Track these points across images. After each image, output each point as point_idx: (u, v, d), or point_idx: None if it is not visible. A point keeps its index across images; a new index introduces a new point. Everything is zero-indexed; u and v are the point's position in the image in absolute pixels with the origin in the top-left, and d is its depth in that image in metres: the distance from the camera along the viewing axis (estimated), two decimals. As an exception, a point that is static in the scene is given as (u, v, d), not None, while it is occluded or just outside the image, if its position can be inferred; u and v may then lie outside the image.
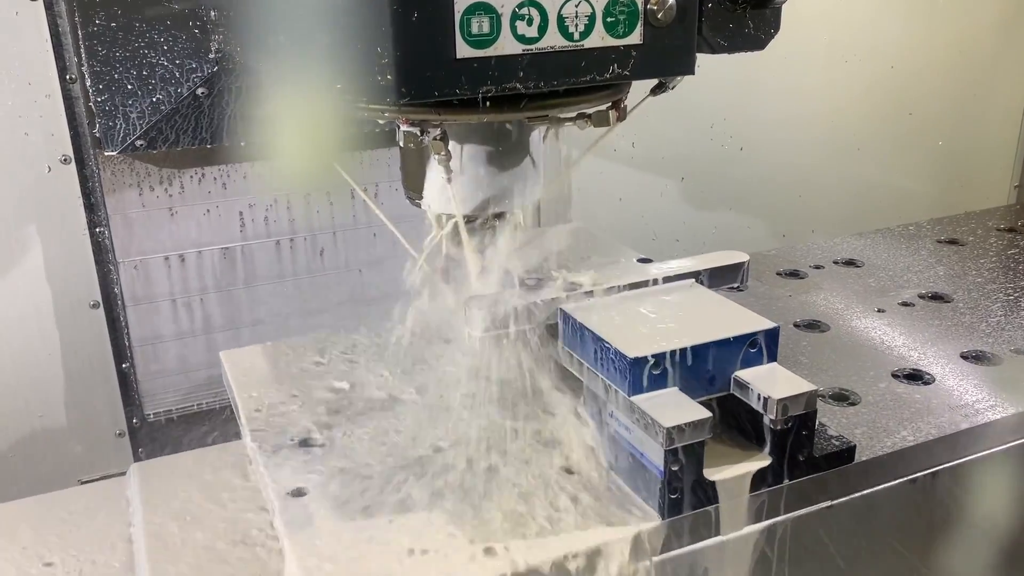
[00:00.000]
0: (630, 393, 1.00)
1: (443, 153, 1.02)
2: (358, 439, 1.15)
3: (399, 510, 1.02)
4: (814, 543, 1.12)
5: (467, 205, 1.13)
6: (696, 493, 1.01)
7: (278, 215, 1.68)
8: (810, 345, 1.43)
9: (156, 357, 1.66)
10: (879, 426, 1.20)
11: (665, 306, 1.14)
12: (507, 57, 0.91)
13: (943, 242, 1.88)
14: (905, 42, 2.33)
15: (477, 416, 1.13)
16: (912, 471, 1.16)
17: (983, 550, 1.27)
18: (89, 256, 1.56)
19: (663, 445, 0.96)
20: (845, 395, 1.27)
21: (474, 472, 1.06)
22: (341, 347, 1.37)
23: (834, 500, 1.11)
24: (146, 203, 1.58)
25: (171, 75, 1.41)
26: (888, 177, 2.42)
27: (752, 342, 1.07)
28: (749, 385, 1.04)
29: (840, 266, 1.77)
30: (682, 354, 1.03)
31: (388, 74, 0.87)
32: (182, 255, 1.63)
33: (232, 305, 1.69)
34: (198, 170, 1.60)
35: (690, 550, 1.02)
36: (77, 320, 1.59)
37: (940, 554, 1.23)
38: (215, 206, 1.63)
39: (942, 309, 1.56)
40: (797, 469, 1.06)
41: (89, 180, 1.53)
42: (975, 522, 1.24)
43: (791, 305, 1.59)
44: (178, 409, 1.70)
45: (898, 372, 1.34)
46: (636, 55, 0.97)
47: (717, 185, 2.20)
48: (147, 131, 1.44)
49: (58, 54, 1.44)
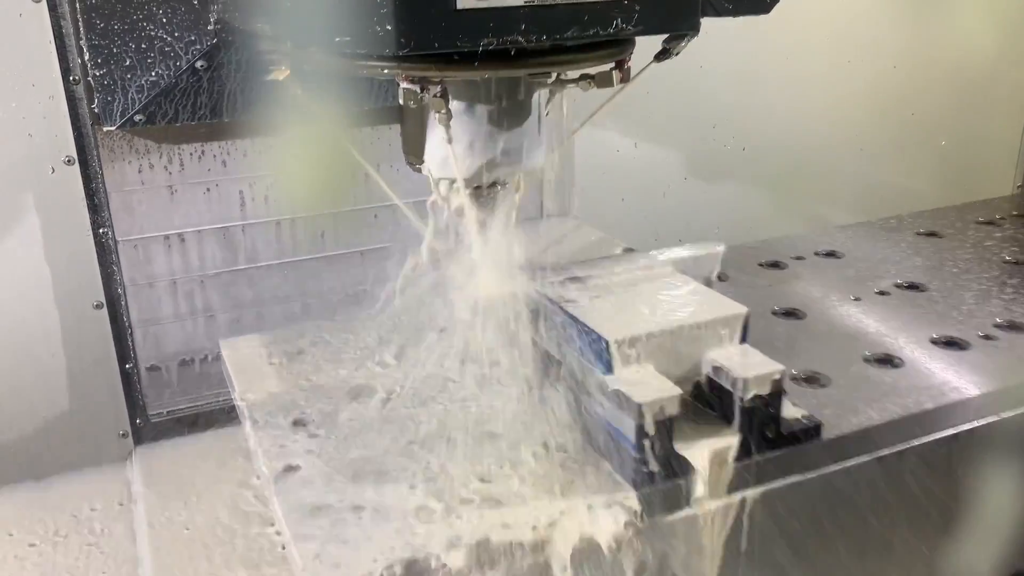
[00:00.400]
0: (605, 372, 1.08)
1: (443, 111, 1.02)
2: (350, 421, 1.22)
3: (389, 481, 1.09)
4: (783, 518, 1.18)
5: (468, 168, 1.12)
6: (668, 467, 1.07)
7: (279, 194, 1.65)
8: (786, 331, 1.50)
9: (160, 356, 1.67)
10: (847, 406, 1.26)
11: (642, 291, 1.21)
12: (508, 9, 0.91)
13: (922, 234, 1.95)
14: (907, 41, 2.35)
15: (461, 395, 1.20)
16: (877, 449, 1.23)
17: (949, 527, 1.34)
18: (93, 257, 1.56)
19: (635, 420, 1.03)
20: (816, 378, 1.34)
21: (455, 446, 1.13)
22: (335, 335, 1.44)
23: (802, 476, 1.18)
24: (145, 180, 1.57)
25: (170, 48, 1.39)
26: (890, 176, 2.44)
27: (724, 324, 1.14)
28: (720, 365, 1.11)
29: (821, 257, 1.84)
30: (656, 335, 1.10)
31: (387, 24, 0.88)
32: (182, 235, 1.62)
33: (233, 286, 1.68)
34: (198, 146, 1.59)
35: (663, 521, 1.09)
36: (80, 321, 1.60)
37: (907, 531, 1.30)
38: (215, 184, 1.62)
39: (917, 298, 1.63)
40: (765, 445, 1.13)
41: (92, 181, 1.54)
42: (941, 499, 1.31)
43: (771, 294, 1.66)
44: (182, 409, 1.70)
45: (869, 356, 1.41)
46: (640, 9, 0.97)
47: (720, 185, 2.22)
48: (146, 106, 1.41)
49: (61, 55, 1.45)
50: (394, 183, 1.29)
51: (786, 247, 1.89)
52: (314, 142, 1.35)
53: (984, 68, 2.49)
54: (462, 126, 1.10)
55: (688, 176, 2.18)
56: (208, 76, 1.42)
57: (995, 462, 1.33)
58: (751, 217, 2.25)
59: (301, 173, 1.55)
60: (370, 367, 1.36)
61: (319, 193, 1.57)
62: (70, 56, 1.46)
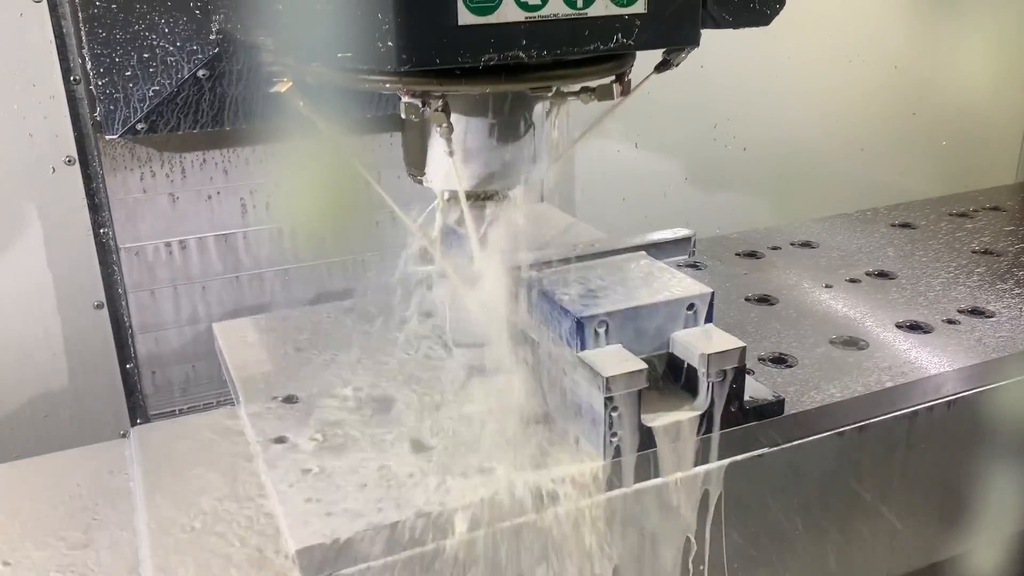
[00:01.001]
0: (578, 349, 1.16)
1: (444, 125, 1.04)
2: (340, 397, 1.31)
3: (371, 449, 1.18)
4: (751, 489, 1.27)
5: (469, 181, 1.16)
6: (636, 437, 1.16)
7: (279, 201, 1.67)
8: (758, 316, 1.59)
9: (160, 356, 1.70)
10: (811, 384, 1.35)
11: (614, 273, 1.29)
12: (509, 25, 0.93)
13: (896, 226, 2.04)
14: (909, 42, 2.38)
15: (440, 368, 1.29)
16: (839, 425, 1.31)
17: (910, 500, 1.42)
18: (93, 257, 1.60)
19: (603, 392, 1.12)
20: (783, 358, 1.43)
21: (436, 418, 1.22)
22: (328, 318, 1.53)
23: (765, 449, 1.26)
24: (147, 188, 1.59)
25: (172, 57, 1.42)
26: (892, 177, 2.47)
27: (689, 305, 1.22)
28: (685, 343, 1.20)
29: (796, 247, 1.93)
30: (626, 314, 1.18)
31: (389, 41, 0.90)
32: (183, 241, 1.65)
33: (234, 292, 1.71)
34: (200, 154, 1.61)
35: (632, 490, 1.17)
36: (81, 321, 1.63)
37: (868, 503, 1.38)
38: (216, 192, 1.64)
39: (886, 285, 1.72)
40: (729, 419, 1.21)
41: (93, 181, 1.57)
42: (901, 474, 1.39)
43: (746, 282, 1.74)
44: (181, 410, 1.73)
45: (836, 339, 1.49)
46: (640, 24, 0.99)
47: (720, 185, 2.25)
48: (148, 114, 1.45)
49: (62, 55, 1.48)
50: (397, 190, 1.32)
51: (763, 237, 1.98)
52: (316, 154, 1.39)
53: (986, 69, 2.51)
54: (463, 139, 1.13)
55: (689, 176, 2.22)
56: (210, 85, 1.46)
57: (953, 440, 1.42)
58: (752, 217, 2.26)
59: (303, 192, 1.61)
60: (361, 350, 1.44)
61: (322, 211, 1.62)
62: (71, 56, 1.50)
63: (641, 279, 1.28)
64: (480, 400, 1.26)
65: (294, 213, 1.65)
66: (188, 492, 1.21)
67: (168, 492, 1.22)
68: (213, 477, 1.24)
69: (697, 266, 1.78)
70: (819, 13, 2.22)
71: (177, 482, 1.23)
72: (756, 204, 2.30)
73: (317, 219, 1.62)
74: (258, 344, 1.46)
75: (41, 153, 1.54)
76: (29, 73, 1.51)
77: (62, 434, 1.69)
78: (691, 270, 1.74)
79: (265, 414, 1.27)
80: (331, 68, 1.01)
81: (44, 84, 1.52)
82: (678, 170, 2.19)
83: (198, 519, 1.16)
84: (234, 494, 1.20)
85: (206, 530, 1.14)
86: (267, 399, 1.31)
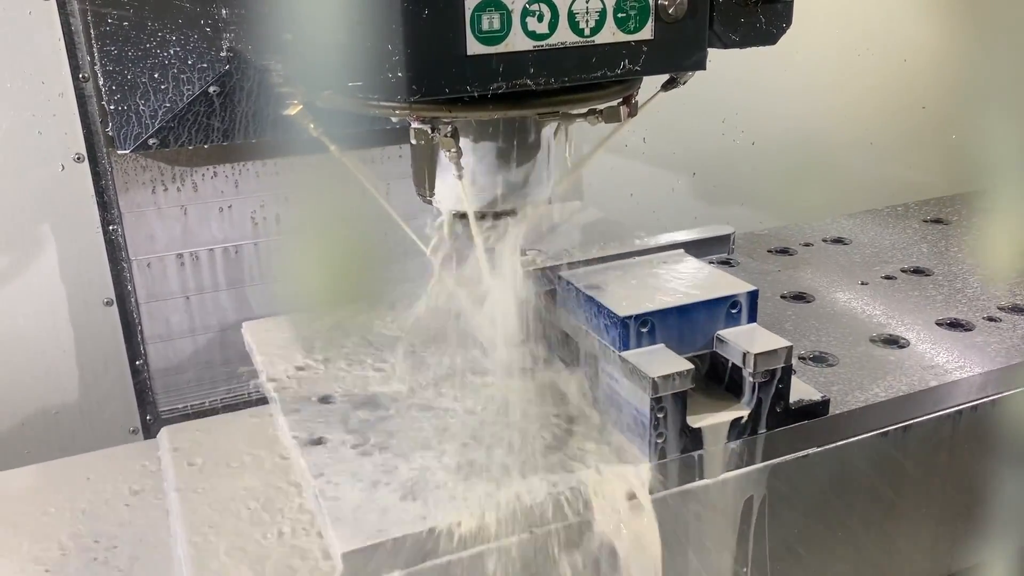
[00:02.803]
0: (620, 349, 1.20)
1: (454, 150, 1.08)
2: (377, 396, 1.34)
3: (412, 453, 1.21)
4: (794, 490, 1.30)
5: (478, 202, 1.20)
6: (681, 439, 1.19)
7: (289, 213, 1.73)
8: (795, 314, 1.62)
9: (169, 354, 1.73)
10: (854, 383, 1.37)
11: (654, 272, 1.32)
12: (518, 54, 0.96)
13: (929, 221, 2.08)
14: (918, 35, 2.42)
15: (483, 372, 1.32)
16: (883, 425, 1.34)
17: (952, 501, 1.46)
18: (102, 254, 1.63)
19: (649, 394, 1.15)
20: (824, 357, 1.46)
21: (480, 420, 1.25)
22: (358, 316, 1.56)
23: (810, 450, 1.30)
24: (159, 202, 1.65)
25: (183, 74, 1.48)
26: (901, 171, 2.51)
27: (733, 303, 1.26)
28: (730, 342, 1.23)
29: (829, 244, 1.96)
30: (668, 314, 1.21)
31: (399, 71, 0.93)
32: (195, 253, 1.69)
33: (244, 302, 1.75)
34: (210, 168, 1.66)
35: (677, 491, 1.20)
36: (91, 317, 1.68)
37: (912, 503, 1.42)
38: (227, 205, 1.69)
39: (922, 282, 1.75)
40: (775, 420, 1.24)
41: (102, 178, 1.60)
42: (945, 474, 1.43)
43: (780, 279, 1.77)
44: (192, 406, 1.76)
45: (875, 337, 1.53)
46: (647, 51, 1.02)
47: (729, 180, 2.29)
48: (160, 130, 1.50)
49: (71, 53, 1.51)
50: (408, 204, 1.35)
51: (794, 234, 2.01)
52: (324, 168, 1.41)
53: (996, 62, 2.54)
54: (472, 162, 1.16)
55: (697, 171, 2.26)
56: (221, 101, 1.51)
57: (998, 440, 1.45)
58: (761, 212, 2.31)
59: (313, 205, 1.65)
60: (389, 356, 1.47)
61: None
62: (79, 54, 1.53)
63: (682, 277, 1.31)
64: (519, 403, 1.29)
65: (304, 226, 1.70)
66: (224, 495, 1.24)
67: (204, 494, 1.24)
68: (249, 479, 1.27)
69: (730, 263, 1.81)
70: (828, 6, 2.26)
71: (213, 485, 1.26)
72: (765, 198, 2.33)
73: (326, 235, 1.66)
74: (290, 341, 1.49)
75: (50, 150, 1.58)
76: (38, 71, 1.55)
77: (73, 430, 1.73)
78: (724, 267, 1.78)
79: (300, 414, 1.30)
80: (340, 95, 1.05)
81: (53, 82, 1.56)
82: (686, 164, 2.23)
83: (235, 521, 1.19)
84: (270, 496, 1.23)
85: (243, 533, 1.17)
86: (302, 400, 1.33)
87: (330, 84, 1.05)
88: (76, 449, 1.70)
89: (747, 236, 1.98)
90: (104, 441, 1.72)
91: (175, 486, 1.27)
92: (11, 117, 1.56)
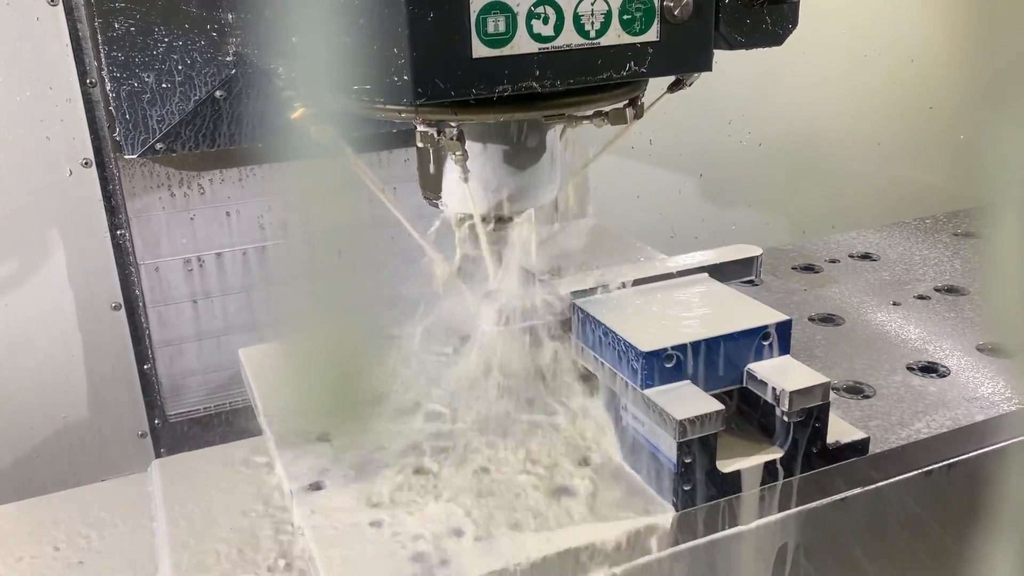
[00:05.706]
0: (643, 386, 1.02)
1: (459, 153, 1.04)
2: (375, 433, 1.17)
3: (414, 499, 1.05)
4: (830, 536, 1.13)
5: (484, 204, 1.14)
6: (709, 485, 1.02)
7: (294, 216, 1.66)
8: (825, 339, 1.44)
9: (177, 358, 1.67)
10: (893, 418, 1.20)
11: (678, 300, 1.15)
12: (523, 56, 0.92)
13: (959, 235, 1.88)
14: (925, 35, 2.32)
15: (492, 408, 1.15)
16: (927, 463, 1.17)
17: (1001, 543, 1.28)
18: (110, 258, 1.58)
19: (676, 437, 0.97)
20: (860, 388, 1.28)
21: (488, 461, 1.08)
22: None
23: (848, 492, 1.12)
24: (166, 206, 1.60)
25: (189, 79, 1.44)
26: (909, 172, 2.41)
27: (765, 335, 1.08)
28: (762, 378, 1.06)
29: (856, 260, 1.77)
30: (695, 347, 1.04)
31: (404, 75, 0.89)
32: (202, 257, 1.64)
33: (251, 306, 1.70)
34: (218, 172, 1.62)
35: (705, 542, 1.03)
36: (99, 322, 1.61)
37: (956, 547, 1.24)
38: (235, 209, 1.65)
39: (958, 302, 1.57)
40: (811, 461, 1.07)
41: (110, 183, 1.55)
42: (992, 514, 1.24)
43: (806, 299, 1.60)
44: (200, 410, 1.71)
45: (913, 365, 1.35)
46: (653, 52, 0.98)
47: (736, 182, 2.19)
48: (166, 135, 1.46)
49: (78, 58, 1.47)
50: (414, 206, 1.29)
51: (819, 249, 1.83)
52: (330, 172, 1.32)
53: (1003, 61, 2.42)
54: (478, 164, 1.11)
55: (704, 173, 2.16)
56: (227, 105, 1.46)
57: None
58: (768, 214, 2.22)
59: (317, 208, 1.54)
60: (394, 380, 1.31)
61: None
62: (87, 59, 1.48)
63: (709, 306, 1.13)
64: (530, 445, 1.12)
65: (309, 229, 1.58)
66: (213, 536, 1.09)
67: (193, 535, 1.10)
68: (240, 519, 1.11)
69: (753, 282, 1.63)
70: (834, 7, 2.16)
71: (202, 525, 1.11)
72: (772, 200, 2.25)
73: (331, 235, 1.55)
74: (288, 372, 1.32)
75: (58, 155, 1.53)
76: (45, 76, 1.49)
77: (81, 434, 1.66)
78: (746, 286, 1.59)
79: (297, 454, 1.14)
80: (346, 98, 1.00)
81: (60, 87, 1.50)
82: (693, 166, 2.15)
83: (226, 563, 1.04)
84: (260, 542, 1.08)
85: None
86: (299, 439, 1.17)
87: (335, 87, 1.00)
88: (86, 452, 1.67)
89: (770, 252, 1.80)
90: (113, 444, 1.68)
91: (165, 526, 1.12)
92: (19, 122, 1.50)
